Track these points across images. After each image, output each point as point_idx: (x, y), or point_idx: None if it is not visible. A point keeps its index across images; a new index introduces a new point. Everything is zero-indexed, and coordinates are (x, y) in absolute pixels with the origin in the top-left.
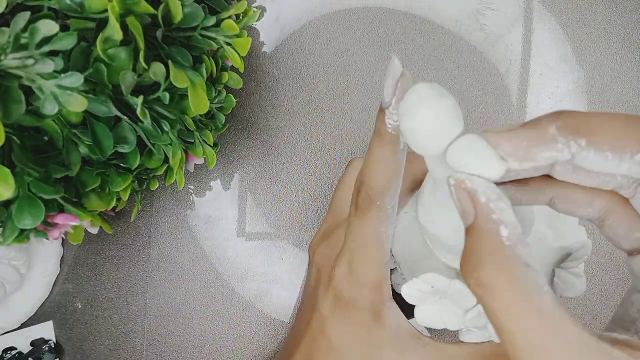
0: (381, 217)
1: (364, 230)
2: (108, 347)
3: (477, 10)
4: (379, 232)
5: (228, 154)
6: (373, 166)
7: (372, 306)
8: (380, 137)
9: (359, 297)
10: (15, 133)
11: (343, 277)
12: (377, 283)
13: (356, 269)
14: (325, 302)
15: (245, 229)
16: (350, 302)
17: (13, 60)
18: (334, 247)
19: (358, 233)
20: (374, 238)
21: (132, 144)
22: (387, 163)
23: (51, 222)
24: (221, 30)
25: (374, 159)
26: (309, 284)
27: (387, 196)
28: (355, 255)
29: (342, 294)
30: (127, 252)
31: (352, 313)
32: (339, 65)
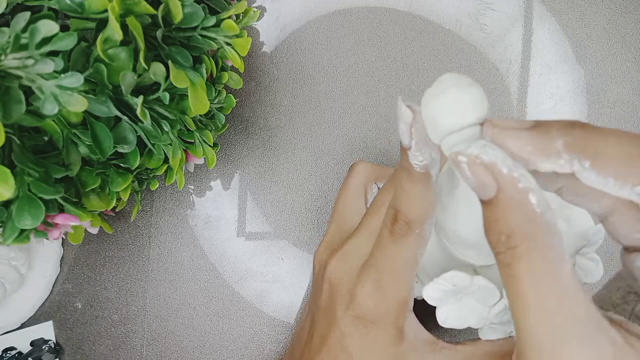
0: (419, 243)
1: (402, 255)
2: (108, 347)
3: (477, 10)
4: (416, 256)
5: (228, 154)
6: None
7: (396, 322)
8: (410, 174)
9: (385, 315)
10: (15, 133)
11: (368, 296)
12: (404, 300)
13: (386, 288)
14: (345, 320)
15: (245, 229)
16: (375, 320)
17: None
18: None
19: (394, 257)
20: (410, 261)
21: (132, 144)
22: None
23: (51, 222)
24: (221, 30)
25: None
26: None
27: (427, 224)
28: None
29: (366, 313)
30: (127, 252)
31: (375, 330)
32: (339, 65)
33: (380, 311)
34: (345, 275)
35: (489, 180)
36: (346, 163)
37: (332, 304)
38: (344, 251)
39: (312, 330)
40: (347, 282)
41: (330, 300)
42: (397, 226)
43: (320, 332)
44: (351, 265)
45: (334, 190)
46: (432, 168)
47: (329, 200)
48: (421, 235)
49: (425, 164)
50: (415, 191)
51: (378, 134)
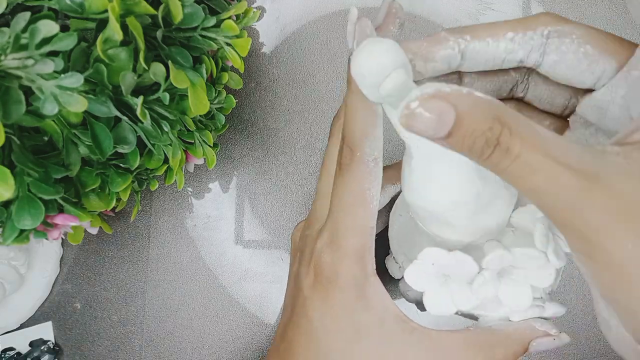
0: (364, 171)
1: (347, 187)
2: (107, 347)
3: (477, 10)
4: (363, 189)
5: (228, 154)
6: (349, 117)
7: (355, 281)
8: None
9: (340, 268)
10: (15, 133)
11: (324, 248)
12: (359, 250)
13: (338, 233)
14: (307, 281)
15: (244, 229)
16: (332, 277)
17: (13, 61)
18: (313, 225)
19: (341, 192)
20: (357, 195)
21: (132, 145)
22: (360, 111)
23: (51, 222)
24: (221, 30)
25: (348, 111)
26: (292, 270)
27: (367, 147)
28: (338, 218)
29: (322, 268)
30: (127, 253)
31: (334, 291)
32: (339, 65)
33: (336, 264)
34: (309, 238)
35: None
36: None
37: (299, 269)
38: (308, 218)
39: (284, 303)
40: (310, 243)
41: (298, 266)
42: (342, 155)
43: (289, 301)
44: (314, 227)
45: None
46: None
47: None
48: (363, 161)
49: None
50: (354, 105)
51: None
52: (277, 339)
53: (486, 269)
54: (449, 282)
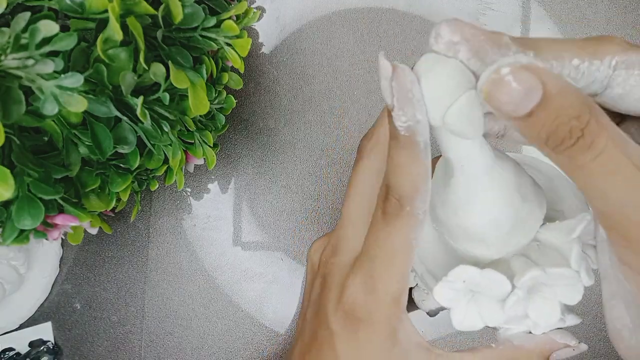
0: (412, 224)
1: (394, 238)
2: (106, 348)
3: (477, 10)
4: (410, 240)
5: (228, 154)
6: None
7: (388, 322)
8: (396, 140)
9: (376, 312)
10: (15, 133)
11: (358, 289)
12: (397, 295)
13: (377, 279)
14: (335, 316)
15: (244, 229)
16: (365, 317)
17: (13, 61)
18: (341, 253)
19: (385, 241)
20: (404, 246)
21: (132, 145)
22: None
23: (51, 222)
24: (221, 30)
25: (395, 165)
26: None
27: (418, 201)
28: (379, 265)
29: (355, 309)
30: (126, 253)
31: (365, 330)
32: (339, 65)
33: (371, 307)
34: (336, 267)
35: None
36: (346, 163)
37: (323, 298)
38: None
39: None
40: (339, 274)
41: (322, 295)
42: (388, 204)
43: (311, 328)
44: (342, 256)
45: (334, 191)
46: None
47: (328, 201)
48: (412, 214)
49: (409, 125)
50: (402, 159)
51: None
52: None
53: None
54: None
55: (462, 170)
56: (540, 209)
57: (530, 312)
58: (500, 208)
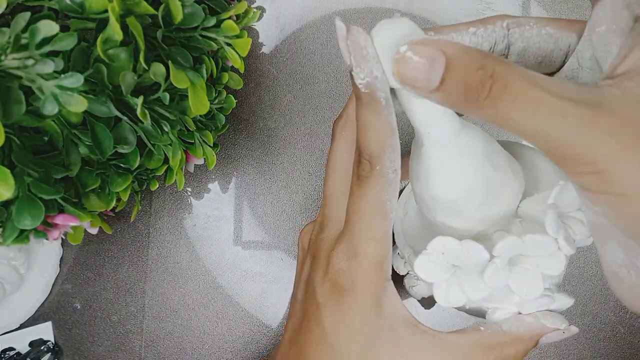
0: (383, 182)
1: (367, 199)
2: (107, 347)
3: (477, 10)
4: (383, 200)
5: (228, 154)
6: (362, 131)
7: (372, 288)
8: (360, 100)
9: (358, 277)
10: (15, 133)
11: (342, 256)
12: (379, 259)
13: (357, 244)
14: (321, 288)
15: (244, 229)
16: (349, 285)
17: (13, 61)
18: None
19: (360, 203)
20: (377, 206)
21: (132, 145)
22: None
23: (51, 222)
24: (221, 30)
25: (360, 124)
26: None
27: (386, 159)
28: (357, 228)
29: (340, 277)
30: (127, 253)
31: (349, 299)
32: (339, 65)
33: (353, 274)
34: (323, 243)
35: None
36: None
37: (312, 273)
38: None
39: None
40: (326, 250)
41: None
42: (361, 168)
43: (302, 308)
44: (329, 232)
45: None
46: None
47: None
48: (382, 174)
49: (367, 81)
50: (366, 117)
51: None
52: (285, 343)
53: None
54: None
55: (429, 137)
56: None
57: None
58: (470, 176)
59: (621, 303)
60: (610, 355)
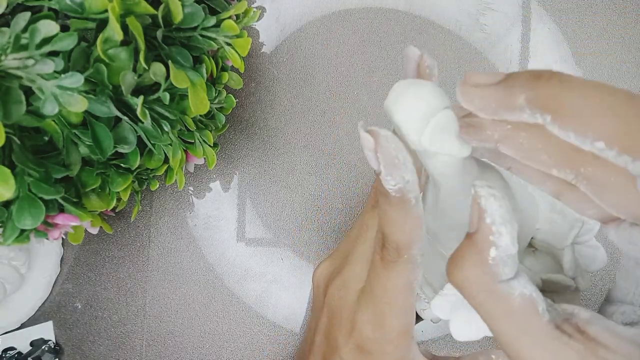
0: (411, 268)
1: (393, 282)
2: (107, 347)
3: (477, 10)
4: (410, 282)
5: (228, 154)
6: (390, 225)
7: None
8: (387, 199)
9: (385, 345)
10: (16, 133)
11: (367, 325)
12: (405, 327)
13: (384, 319)
14: (346, 347)
15: (244, 229)
16: (375, 351)
17: (13, 61)
18: (349, 288)
19: (387, 283)
20: (405, 288)
21: (132, 144)
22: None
23: (51, 222)
24: (221, 30)
25: (389, 219)
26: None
27: (414, 249)
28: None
29: (366, 343)
30: (127, 253)
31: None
32: (339, 65)
33: (380, 341)
34: (344, 302)
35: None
36: (346, 163)
37: (332, 329)
38: (342, 278)
39: (311, 350)
40: (347, 309)
41: (330, 325)
42: (386, 252)
43: (321, 353)
44: (350, 292)
45: (334, 190)
46: (409, 192)
47: (328, 200)
48: (410, 261)
49: (399, 187)
50: (396, 215)
51: None
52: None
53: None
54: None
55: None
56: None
57: None
58: None
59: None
60: None
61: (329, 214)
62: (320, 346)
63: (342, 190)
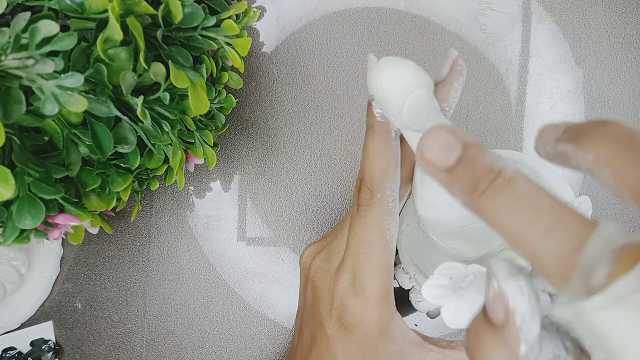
0: (383, 211)
1: (368, 229)
2: (108, 347)
3: (477, 10)
4: (383, 229)
5: (228, 154)
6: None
7: (381, 321)
8: (372, 129)
9: (366, 313)
10: (16, 133)
11: (347, 292)
12: (384, 291)
13: (361, 277)
14: (329, 321)
15: (245, 229)
16: (357, 321)
17: (13, 61)
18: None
19: (361, 233)
20: (378, 236)
21: (132, 144)
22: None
23: (51, 222)
24: (221, 30)
25: (368, 152)
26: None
27: (387, 188)
28: (359, 260)
29: (347, 313)
30: (127, 253)
31: (359, 332)
32: (339, 65)
33: (360, 308)
34: (326, 274)
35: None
36: (346, 163)
37: (316, 303)
38: (325, 250)
39: (301, 330)
40: (328, 281)
41: (315, 301)
42: (361, 195)
43: (309, 332)
44: (332, 263)
45: (334, 190)
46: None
47: (328, 200)
48: (383, 202)
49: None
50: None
51: None
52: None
53: None
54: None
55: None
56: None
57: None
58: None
59: None
60: None
61: (329, 214)
62: (308, 324)
63: (342, 190)
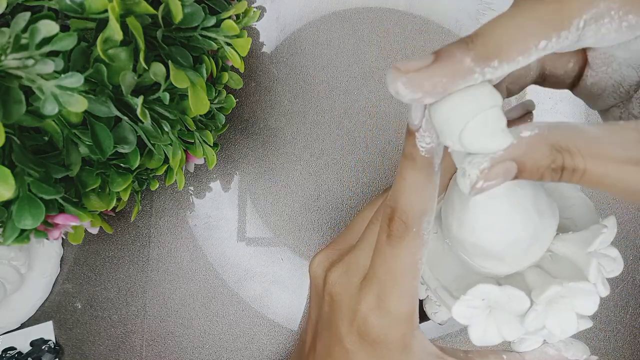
0: (418, 244)
1: (400, 260)
2: (107, 347)
3: (477, 10)
4: (415, 260)
5: (228, 154)
6: (406, 192)
7: (404, 339)
8: (413, 161)
9: (391, 332)
10: (16, 133)
11: (371, 312)
12: (410, 313)
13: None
14: (350, 337)
15: (245, 229)
16: (381, 339)
17: (13, 61)
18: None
19: (393, 264)
20: (411, 268)
21: (132, 144)
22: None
23: (51, 222)
24: (221, 30)
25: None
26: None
27: (425, 222)
28: (388, 287)
29: (369, 331)
30: (127, 253)
31: (382, 349)
32: (339, 65)
33: (384, 329)
34: (346, 289)
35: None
36: (346, 163)
37: (334, 318)
38: (344, 263)
39: (314, 341)
40: (349, 297)
41: (332, 314)
42: (394, 226)
43: (325, 345)
44: (352, 279)
45: (334, 191)
46: (436, 155)
47: (328, 200)
48: (419, 235)
49: (431, 147)
50: (415, 181)
51: (378, 134)
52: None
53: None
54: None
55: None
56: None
57: (548, 324)
58: (520, 228)
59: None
60: (610, 355)
61: (329, 214)
62: (323, 337)
63: (342, 190)
